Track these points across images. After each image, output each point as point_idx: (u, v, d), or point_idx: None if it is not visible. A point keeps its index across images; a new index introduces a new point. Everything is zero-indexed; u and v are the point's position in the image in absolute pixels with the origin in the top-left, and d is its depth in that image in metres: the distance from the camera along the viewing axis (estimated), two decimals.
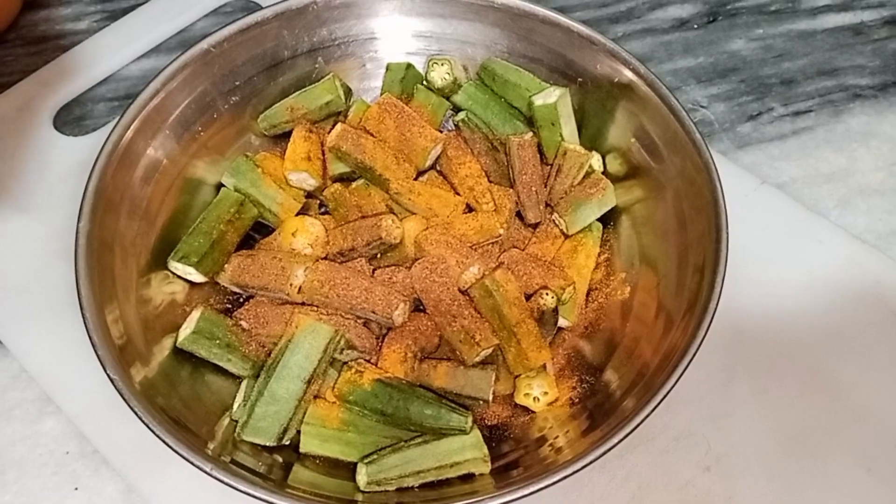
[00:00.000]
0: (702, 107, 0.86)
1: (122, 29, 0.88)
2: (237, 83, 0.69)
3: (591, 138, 0.71)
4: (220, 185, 0.69)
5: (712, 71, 0.89)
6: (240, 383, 0.60)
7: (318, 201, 0.71)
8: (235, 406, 0.58)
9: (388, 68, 0.74)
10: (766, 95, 0.87)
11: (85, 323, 0.55)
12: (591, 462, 0.52)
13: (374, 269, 0.64)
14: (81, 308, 0.55)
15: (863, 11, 0.94)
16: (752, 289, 0.70)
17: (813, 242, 0.74)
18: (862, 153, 0.83)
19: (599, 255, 0.68)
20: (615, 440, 0.52)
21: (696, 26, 0.93)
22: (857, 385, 0.66)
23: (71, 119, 0.83)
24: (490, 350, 0.59)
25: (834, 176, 0.81)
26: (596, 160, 0.69)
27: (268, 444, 0.55)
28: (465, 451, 0.55)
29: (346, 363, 0.58)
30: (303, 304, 0.61)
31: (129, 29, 0.88)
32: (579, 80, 0.70)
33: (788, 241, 0.74)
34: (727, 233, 0.58)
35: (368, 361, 0.59)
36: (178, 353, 0.60)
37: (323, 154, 0.69)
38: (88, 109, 0.84)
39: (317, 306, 0.60)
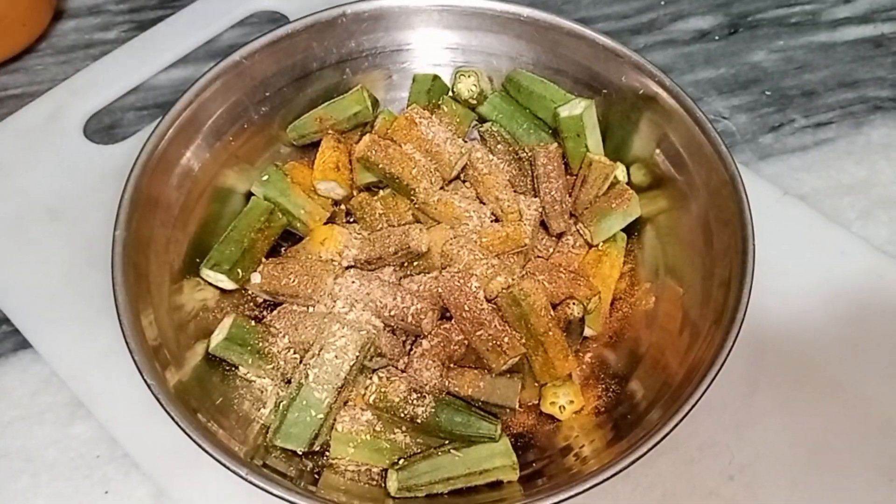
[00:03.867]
0: (723, 118, 0.86)
1: (150, 39, 0.89)
2: (267, 94, 0.71)
3: (616, 149, 0.71)
4: (249, 194, 0.70)
5: (734, 82, 0.89)
6: (270, 389, 0.61)
7: (345, 210, 0.72)
8: (266, 411, 0.59)
9: (414, 79, 0.75)
10: (787, 107, 0.87)
11: (122, 328, 0.56)
12: (617, 472, 0.52)
13: (400, 278, 0.65)
14: (118, 313, 0.56)
15: (883, 24, 0.95)
16: (774, 299, 0.70)
17: (835, 254, 0.74)
18: (883, 165, 0.83)
19: (624, 265, 0.68)
20: (642, 451, 0.52)
21: (717, 38, 0.93)
22: (879, 396, 0.66)
23: (101, 128, 0.84)
24: (517, 359, 0.60)
25: (855, 187, 0.81)
26: (621, 171, 0.70)
27: (299, 449, 0.56)
28: (495, 458, 0.56)
29: (375, 370, 0.59)
30: (332, 311, 0.61)
31: (157, 39, 0.89)
32: (604, 91, 0.71)
33: (811, 252, 0.74)
34: (753, 245, 0.58)
35: (396, 368, 0.60)
36: (210, 359, 0.61)
37: (350, 164, 0.70)
38: (118, 118, 0.85)
39: (346, 314, 0.61)
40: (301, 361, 0.59)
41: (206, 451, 0.51)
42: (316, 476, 0.56)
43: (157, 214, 0.63)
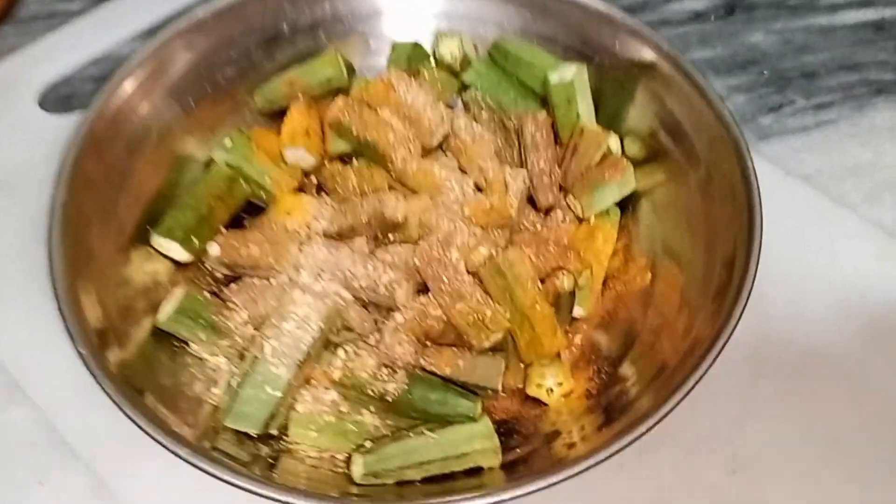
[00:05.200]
0: (720, 98, 0.82)
1: (116, 9, 0.84)
2: (233, 55, 0.66)
3: (609, 121, 0.67)
4: (210, 162, 0.65)
5: (731, 63, 0.86)
6: (225, 368, 0.55)
7: (316, 184, 0.67)
8: (219, 390, 0.53)
9: (393, 48, 0.70)
10: (786, 88, 0.84)
11: (56, 296, 0.50)
12: (607, 458, 0.47)
13: (374, 249, 0.59)
14: (53, 280, 0.51)
15: (884, 8, 0.91)
16: (778, 284, 0.66)
17: (841, 237, 0.70)
18: (888, 148, 0.79)
19: (617, 241, 0.63)
20: (632, 436, 0.48)
21: (713, 18, 0.90)
22: (890, 385, 0.61)
23: (58, 98, 0.79)
24: (501, 335, 0.54)
25: (859, 170, 0.77)
26: (614, 141, 0.65)
27: (253, 432, 0.50)
28: (474, 440, 0.50)
29: (340, 345, 0.53)
30: (295, 282, 0.56)
31: (123, 9, 0.84)
32: (596, 59, 0.66)
33: (816, 235, 0.70)
34: (761, 215, 0.53)
35: (367, 344, 0.54)
36: (159, 335, 0.56)
37: (322, 131, 0.65)
38: (77, 89, 0.80)
39: (312, 285, 0.55)
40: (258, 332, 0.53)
41: (142, 429, 0.45)
42: (272, 462, 0.50)
43: (107, 179, 0.58)
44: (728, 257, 0.55)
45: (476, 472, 0.50)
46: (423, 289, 0.58)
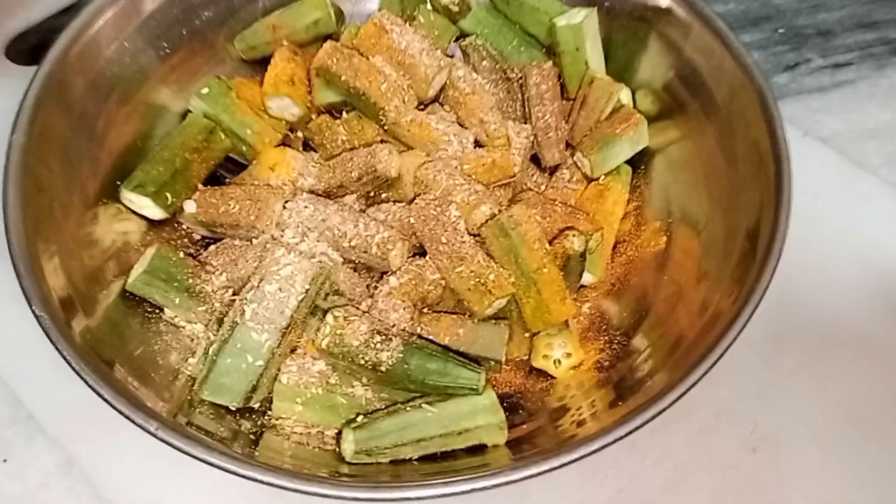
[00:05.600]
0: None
1: None
2: None
3: (619, 73, 0.62)
4: (186, 115, 0.59)
5: (744, 19, 0.81)
6: (202, 336, 0.50)
7: (302, 139, 0.61)
8: (195, 360, 0.48)
9: None
10: (802, 46, 0.80)
11: (11, 253, 0.45)
12: (620, 438, 0.43)
13: (365, 207, 0.54)
14: (8, 238, 0.45)
15: None
16: (798, 248, 0.60)
17: (862, 199, 0.66)
18: None
19: (628, 202, 0.59)
20: (649, 415, 0.44)
21: None
22: None
23: (25, 49, 0.74)
24: (504, 300, 0.50)
25: (880, 132, 0.73)
26: (625, 94, 0.60)
27: (232, 405, 0.46)
28: (477, 415, 0.45)
29: (329, 310, 0.47)
30: (278, 240, 0.50)
31: None
32: (606, 4, 0.61)
33: (836, 198, 0.66)
34: (789, 165, 0.49)
35: (357, 309, 0.49)
36: (129, 300, 0.51)
37: (309, 80, 0.60)
38: (46, 39, 0.74)
39: (297, 245, 0.50)
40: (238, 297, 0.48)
41: (108, 402, 0.40)
42: (254, 438, 0.45)
43: (71, 126, 0.52)
44: (752, 222, 0.50)
45: (478, 449, 0.46)
46: (419, 250, 0.53)
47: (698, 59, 0.57)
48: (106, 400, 0.41)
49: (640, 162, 0.60)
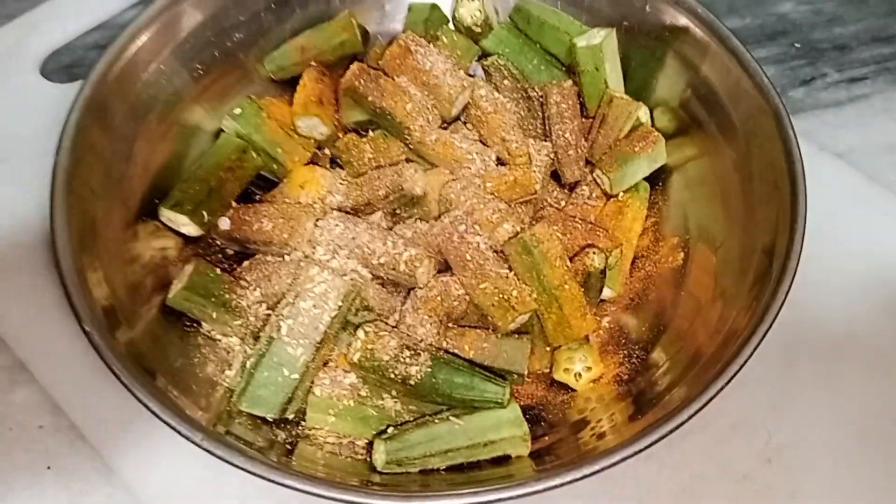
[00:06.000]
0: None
1: None
2: (241, 18, 0.62)
3: (637, 91, 0.63)
4: (219, 133, 0.61)
5: (760, 33, 0.82)
6: (238, 349, 0.52)
7: (330, 156, 0.64)
8: (232, 373, 0.50)
9: (410, 9, 0.66)
10: (818, 60, 0.80)
11: (60, 272, 0.47)
12: (641, 451, 0.45)
13: (392, 225, 0.56)
14: (56, 255, 0.48)
15: None
16: (813, 262, 0.62)
17: (878, 215, 0.67)
18: None
19: (646, 218, 0.60)
20: (668, 428, 0.46)
21: None
22: None
23: (59, 67, 0.76)
24: (527, 316, 0.52)
25: (895, 146, 0.74)
26: (644, 112, 0.61)
27: (269, 416, 0.48)
28: (502, 428, 0.47)
29: (360, 326, 0.50)
30: (311, 259, 0.53)
31: None
32: (625, 24, 0.62)
33: (851, 213, 0.67)
34: (805, 192, 0.50)
35: (386, 324, 0.51)
36: (169, 314, 0.53)
37: (336, 99, 0.62)
38: (79, 57, 0.77)
39: (328, 262, 0.52)
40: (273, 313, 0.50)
41: (154, 413, 0.42)
42: (289, 448, 0.48)
43: (112, 147, 0.55)
44: (768, 241, 0.52)
45: (503, 460, 0.48)
46: (444, 267, 0.55)
47: (715, 77, 0.58)
48: (153, 412, 0.43)
49: (657, 179, 0.62)
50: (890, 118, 0.76)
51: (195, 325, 0.53)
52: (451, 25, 0.66)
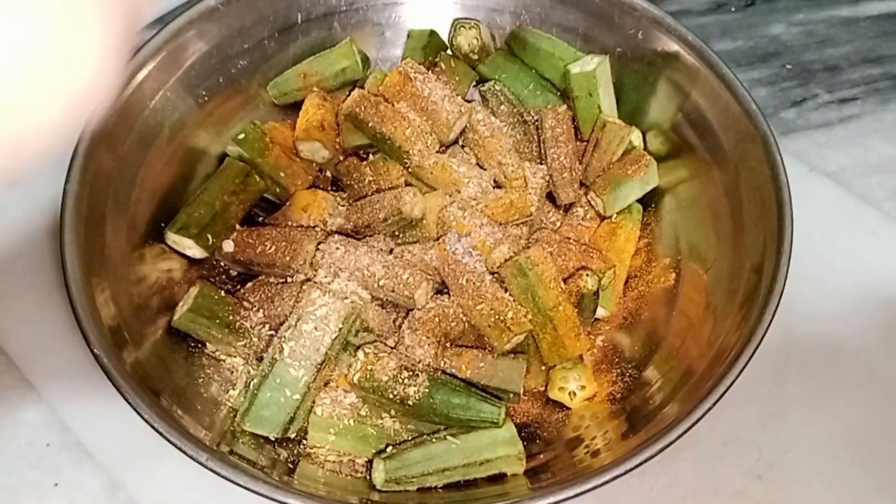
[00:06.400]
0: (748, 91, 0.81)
1: None
2: (246, 46, 0.64)
3: (630, 115, 0.65)
4: (223, 157, 0.63)
5: (752, 55, 0.84)
6: (241, 369, 0.54)
7: (330, 178, 0.65)
8: (235, 393, 0.52)
9: (409, 35, 0.68)
10: (809, 81, 0.82)
11: (68, 293, 0.49)
12: (634, 468, 0.46)
13: (392, 248, 0.58)
14: (65, 276, 0.49)
15: None
16: (803, 282, 0.63)
17: (867, 234, 0.69)
18: None
19: (639, 239, 0.62)
20: (660, 446, 0.47)
21: (733, 9, 0.88)
22: None
23: None
24: (522, 336, 0.53)
25: (885, 166, 0.75)
26: (636, 136, 0.63)
27: (271, 435, 0.49)
28: (497, 447, 0.49)
29: (360, 347, 0.51)
30: (313, 282, 0.54)
31: None
32: (618, 50, 0.64)
33: (841, 233, 0.68)
34: (791, 213, 0.52)
35: (385, 345, 0.53)
36: (174, 335, 0.54)
37: (337, 124, 0.64)
38: None
39: (329, 284, 0.53)
40: (276, 335, 0.52)
41: (160, 433, 0.44)
42: (291, 466, 0.49)
43: (120, 172, 0.56)
44: (756, 262, 0.53)
45: (499, 478, 0.49)
46: (442, 288, 0.56)
47: (704, 103, 0.60)
48: (159, 432, 0.44)
49: (650, 200, 0.63)
50: (880, 138, 0.78)
51: (200, 345, 0.55)
52: (449, 52, 0.67)
